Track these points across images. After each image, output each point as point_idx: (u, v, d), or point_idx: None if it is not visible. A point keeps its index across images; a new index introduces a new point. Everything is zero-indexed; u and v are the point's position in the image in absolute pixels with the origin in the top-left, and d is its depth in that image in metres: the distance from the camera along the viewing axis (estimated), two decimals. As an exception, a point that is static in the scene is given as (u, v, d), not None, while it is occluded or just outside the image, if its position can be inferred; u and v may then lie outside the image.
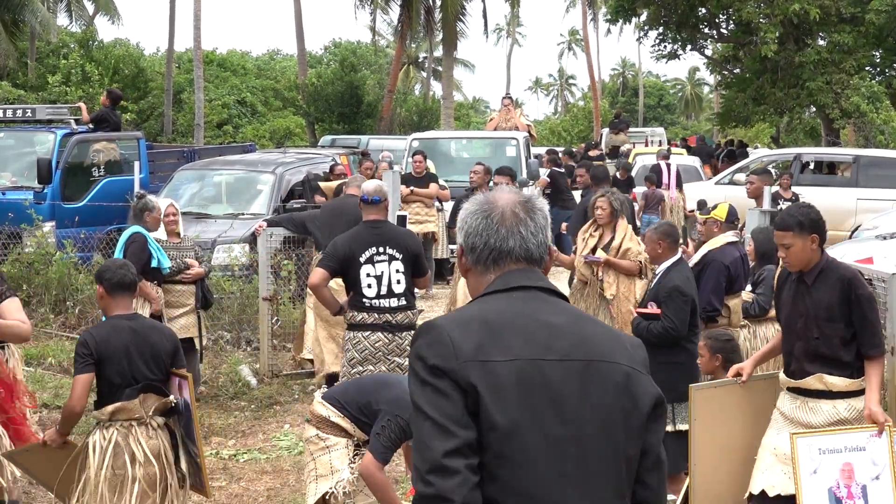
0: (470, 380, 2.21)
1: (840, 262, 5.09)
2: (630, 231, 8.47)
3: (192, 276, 8.55)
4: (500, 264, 2.42)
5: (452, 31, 35.20)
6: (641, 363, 2.39)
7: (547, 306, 2.37)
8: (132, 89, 36.47)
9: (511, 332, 2.28)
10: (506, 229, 2.42)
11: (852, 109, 24.72)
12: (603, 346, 2.34)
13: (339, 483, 5.01)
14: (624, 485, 2.31)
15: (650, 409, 2.35)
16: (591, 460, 2.27)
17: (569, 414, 2.26)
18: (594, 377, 2.29)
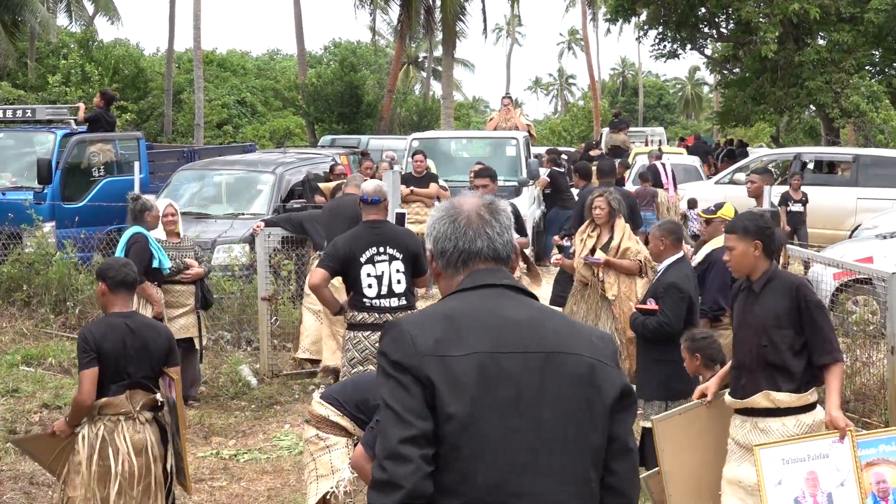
0: (428, 374, 2.30)
1: (787, 271, 5.07)
2: (628, 230, 8.43)
3: (191, 276, 8.56)
4: (469, 265, 2.51)
5: (452, 31, 35.19)
6: (609, 356, 2.45)
7: (511, 302, 2.45)
8: (132, 89, 36.48)
9: (471, 326, 2.36)
10: (473, 231, 2.51)
11: (852, 109, 24.73)
12: (564, 339, 2.41)
13: (340, 483, 5.01)
14: (588, 472, 2.37)
15: (615, 399, 2.41)
16: (549, 449, 2.33)
17: (526, 405, 2.33)
18: (554, 369, 2.36)
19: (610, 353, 2.47)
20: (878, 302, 8.61)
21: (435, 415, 2.30)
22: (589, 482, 2.38)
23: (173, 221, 8.72)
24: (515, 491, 2.31)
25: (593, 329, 2.58)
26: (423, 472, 2.27)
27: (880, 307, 8.39)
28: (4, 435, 7.77)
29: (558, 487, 2.34)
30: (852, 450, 4.69)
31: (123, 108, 29.98)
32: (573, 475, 2.36)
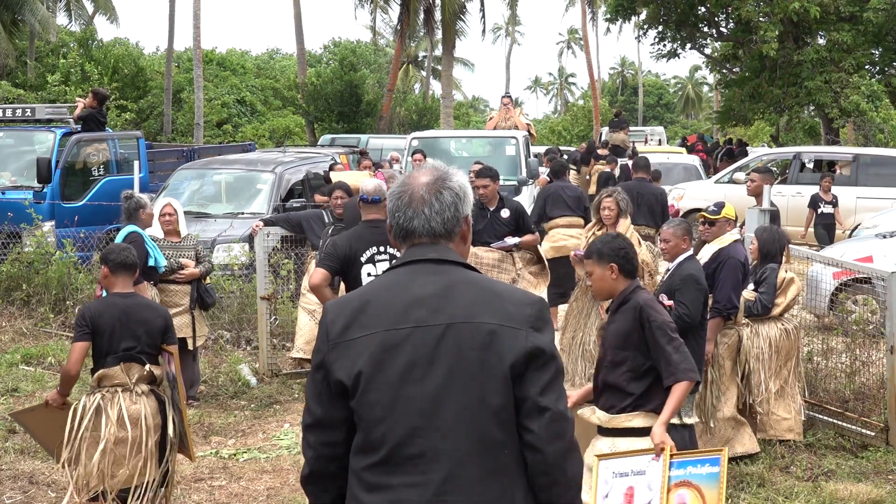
0: (330, 362, 2.60)
1: (642, 291, 4.96)
2: (631, 231, 8.44)
3: (185, 276, 8.53)
4: (408, 240, 2.70)
5: (451, 31, 35.21)
6: (523, 320, 2.57)
7: (425, 278, 2.63)
8: (132, 88, 36.47)
9: (376, 308, 2.61)
10: (412, 210, 2.68)
11: (851, 108, 24.72)
12: (468, 310, 2.57)
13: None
14: (489, 430, 2.53)
15: (519, 361, 2.54)
16: (445, 413, 2.52)
17: (420, 374, 2.54)
18: (451, 338, 2.54)
19: (524, 317, 2.57)
20: (877, 301, 8.61)
21: (341, 398, 2.59)
22: (490, 439, 2.54)
23: (171, 221, 8.68)
24: (414, 452, 2.52)
25: (516, 295, 2.66)
26: (324, 456, 2.63)
27: (880, 306, 8.40)
28: (4, 434, 7.77)
29: (454, 446, 2.52)
30: (664, 469, 4.53)
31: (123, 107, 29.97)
32: (470, 434, 2.53)
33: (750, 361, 7.14)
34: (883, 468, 7.03)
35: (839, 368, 8.28)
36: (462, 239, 2.73)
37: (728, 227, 7.20)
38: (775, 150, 25.43)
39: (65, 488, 6.71)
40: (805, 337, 8.13)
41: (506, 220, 9.01)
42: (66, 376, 5.41)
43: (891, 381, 7.42)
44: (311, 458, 2.66)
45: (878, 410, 7.72)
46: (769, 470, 6.90)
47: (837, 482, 6.69)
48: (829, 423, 7.70)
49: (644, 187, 11.53)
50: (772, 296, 7.22)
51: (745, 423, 7.08)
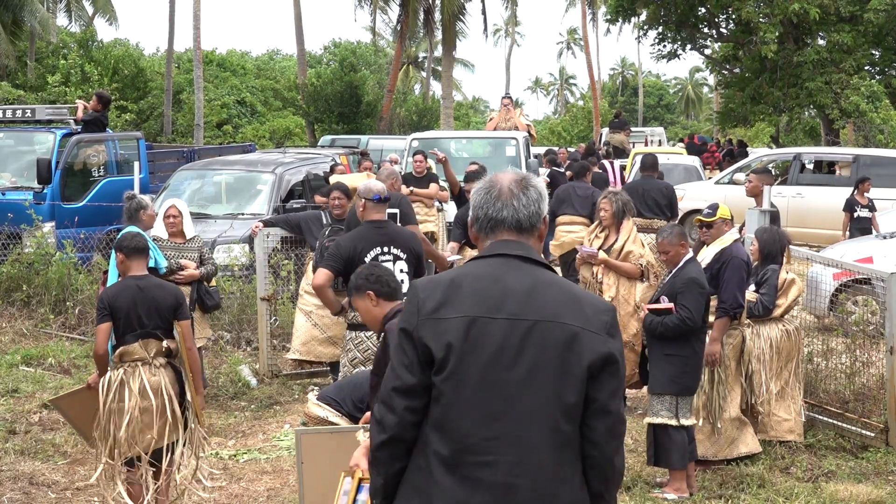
0: (422, 335, 2.75)
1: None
2: (634, 233, 8.37)
3: (184, 277, 8.52)
4: (495, 232, 2.88)
5: (451, 31, 35.22)
6: (599, 326, 2.78)
7: (515, 272, 2.81)
8: (132, 89, 36.48)
9: (469, 292, 2.77)
10: (501, 203, 2.88)
11: (852, 109, 24.73)
12: (554, 310, 2.76)
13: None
14: (559, 422, 2.73)
15: (595, 364, 2.74)
16: (525, 402, 2.72)
17: (506, 363, 2.72)
18: (537, 334, 2.73)
19: (601, 323, 2.78)
20: (877, 302, 8.61)
21: (427, 369, 2.74)
22: (559, 431, 2.73)
23: (175, 223, 8.67)
24: (491, 434, 2.71)
25: (593, 300, 2.86)
26: (406, 422, 2.77)
27: (880, 307, 8.39)
28: (5, 435, 7.77)
29: (527, 433, 2.71)
30: (352, 492, 4.22)
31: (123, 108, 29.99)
32: (542, 423, 2.72)
33: (751, 362, 7.14)
34: (883, 469, 7.03)
35: (839, 369, 8.28)
36: (539, 237, 2.92)
37: (726, 227, 7.20)
38: (775, 150, 25.43)
39: (66, 488, 6.72)
40: (805, 338, 8.12)
41: None
42: (96, 357, 5.94)
43: (891, 382, 7.42)
44: (393, 424, 2.77)
45: (878, 411, 7.72)
46: (769, 471, 6.90)
47: (838, 483, 6.69)
48: (829, 423, 7.70)
49: (649, 183, 11.96)
50: (773, 297, 7.22)
51: (748, 424, 7.09)
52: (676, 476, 6.49)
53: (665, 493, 6.47)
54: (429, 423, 2.76)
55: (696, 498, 6.46)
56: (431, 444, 2.74)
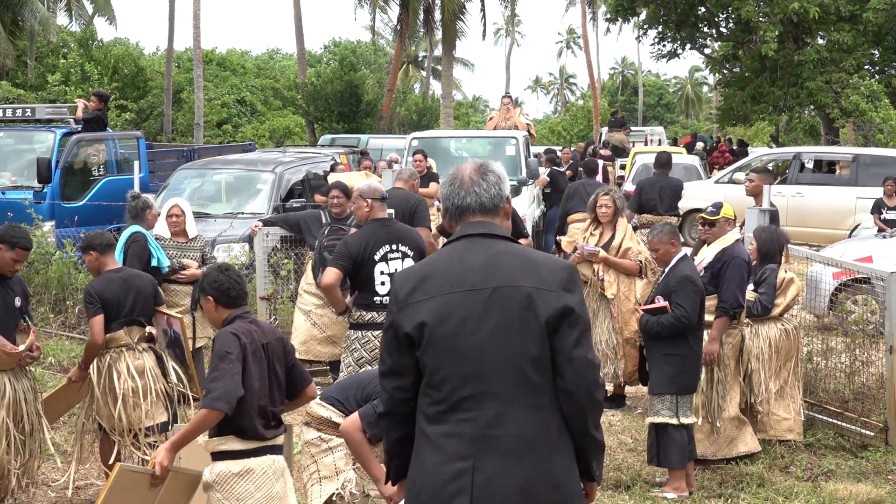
0: (400, 320, 3.12)
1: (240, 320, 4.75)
2: (630, 230, 8.44)
3: (186, 276, 8.53)
4: (463, 217, 3.22)
5: (451, 31, 35.19)
6: (555, 283, 3.08)
7: (476, 249, 3.14)
8: (132, 89, 36.46)
9: (436, 276, 3.14)
10: (465, 191, 3.21)
11: (852, 108, 24.71)
12: (511, 275, 3.08)
13: (347, 483, 4.99)
14: (528, 374, 3.05)
15: (553, 318, 3.04)
16: (492, 362, 3.05)
17: (472, 328, 3.06)
18: (496, 300, 3.06)
19: (556, 280, 3.09)
20: (877, 301, 8.61)
21: (414, 348, 3.11)
22: (530, 382, 3.05)
23: (178, 223, 8.68)
24: (467, 394, 3.05)
25: (549, 262, 3.16)
26: (396, 399, 3.18)
27: (879, 307, 8.39)
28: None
29: (500, 388, 3.04)
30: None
31: (123, 107, 29.97)
32: (513, 379, 3.05)
33: (751, 361, 7.14)
34: (882, 468, 7.04)
35: (839, 368, 8.28)
36: (505, 215, 3.25)
37: (728, 227, 7.20)
38: (775, 150, 25.42)
39: (65, 487, 6.71)
40: (805, 337, 8.13)
41: None
42: (93, 349, 6.22)
43: (890, 381, 7.42)
44: (386, 401, 3.20)
45: (877, 410, 7.72)
46: (769, 470, 6.90)
47: (837, 482, 6.69)
48: (828, 423, 7.70)
49: (664, 180, 12.69)
50: (771, 296, 7.22)
51: (747, 423, 7.09)
52: (676, 475, 6.49)
53: (665, 493, 6.48)
54: (420, 390, 3.13)
55: (695, 497, 6.46)
56: (422, 407, 3.13)
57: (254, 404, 4.44)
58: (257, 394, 4.45)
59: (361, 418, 4.92)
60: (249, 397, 4.41)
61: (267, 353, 4.56)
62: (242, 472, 4.44)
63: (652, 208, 12.43)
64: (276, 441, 4.55)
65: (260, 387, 4.48)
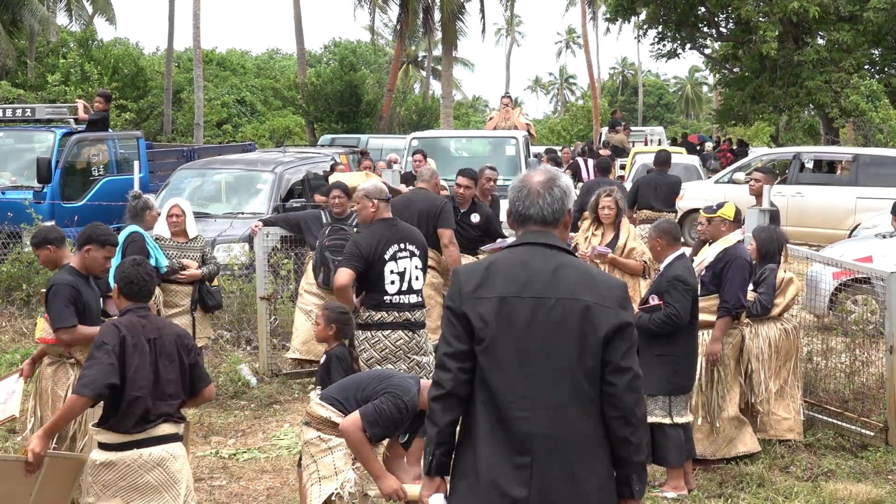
0: (465, 311, 3.32)
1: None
2: (633, 231, 8.46)
3: (186, 276, 8.54)
4: (525, 224, 3.43)
5: (451, 31, 35.21)
6: (612, 300, 3.30)
7: (540, 257, 3.35)
8: (131, 88, 36.47)
9: (501, 276, 3.33)
10: (529, 201, 3.41)
11: (851, 108, 24.70)
12: (573, 288, 3.29)
13: (346, 483, 4.98)
14: (580, 382, 3.26)
15: (608, 333, 3.26)
16: (549, 365, 3.26)
17: (533, 334, 3.26)
18: (558, 309, 3.27)
19: (613, 297, 3.30)
20: (877, 301, 8.61)
21: (472, 339, 3.30)
22: (581, 389, 3.27)
23: (178, 223, 8.69)
24: (524, 393, 3.26)
25: (606, 279, 3.39)
26: (459, 379, 3.32)
27: (879, 306, 8.39)
28: (5, 434, 7.77)
29: (555, 392, 3.26)
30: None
31: (123, 107, 29.96)
32: (566, 384, 3.26)
33: (751, 361, 7.14)
34: (882, 468, 7.04)
35: (839, 368, 8.28)
36: (564, 227, 3.45)
37: (723, 227, 7.18)
38: (775, 150, 25.42)
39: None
40: (805, 337, 8.13)
41: (475, 225, 9.13)
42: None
43: (890, 381, 7.42)
44: (448, 380, 3.32)
45: (877, 410, 7.72)
46: (769, 470, 6.90)
47: (837, 482, 6.69)
48: (828, 423, 7.70)
49: (662, 178, 13.06)
50: (771, 296, 7.22)
51: (746, 423, 7.09)
52: (674, 474, 6.49)
53: (664, 492, 6.47)
54: (476, 383, 3.31)
55: (695, 496, 6.46)
56: (479, 399, 3.31)
57: (129, 395, 4.63)
58: (134, 385, 4.63)
59: (362, 417, 4.92)
60: (124, 387, 4.61)
61: (154, 347, 4.73)
62: (106, 462, 4.70)
63: (648, 206, 12.72)
64: (151, 433, 4.72)
65: (138, 379, 4.65)
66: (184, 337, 4.91)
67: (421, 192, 8.82)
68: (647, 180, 13.17)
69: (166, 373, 4.77)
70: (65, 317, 5.72)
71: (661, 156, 13.73)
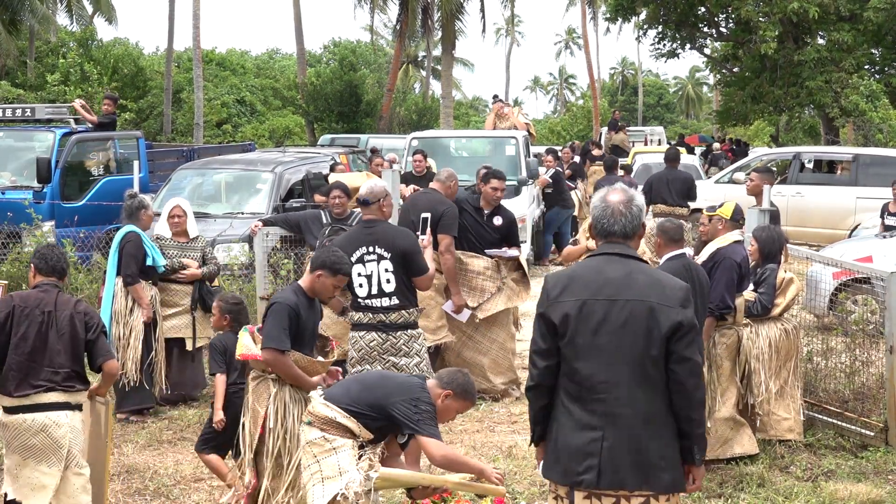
0: (550, 315, 3.99)
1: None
2: None
3: (186, 276, 8.54)
4: (607, 238, 4.06)
5: (450, 30, 35.19)
6: (675, 301, 3.91)
7: (614, 265, 3.98)
8: (131, 88, 36.46)
9: (581, 281, 3.99)
10: (613, 219, 4.04)
11: (851, 108, 24.68)
12: (641, 291, 3.92)
13: (351, 483, 4.96)
14: (647, 369, 3.89)
15: (671, 328, 3.87)
16: (622, 357, 3.90)
17: (607, 330, 3.91)
18: (628, 309, 3.91)
19: (676, 298, 3.91)
20: (877, 301, 8.60)
21: (557, 337, 3.96)
22: (648, 376, 3.90)
23: (179, 223, 8.69)
24: (601, 379, 3.90)
25: (671, 282, 3.99)
26: (546, 374, 4.02)
27: (879, 306, 8.38)
28: (4, 434, 7.77)
29: (626, 378, 3.90)
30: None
31: (123, 107, 29.93)
32: (635, 371, 3.90)
33: (750, 362, 7.13)
34: (882, 468, 7.03)
35: (839, 368, 8.27)
36: (638, 238, 4.09)
37: (720, 226, 7.18)
38: (775, 150, 25.41)
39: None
40: (805, 337, 8.12)
41: (496, 227, 8.89)
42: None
43: (890, 381, 7.41)
44: (537, 374, 4.03)
45: (877, 410, 7.72)
46: (769, 470, 6.89)
47: (837, 482, 6.69)
48: (828, 423, 7.69)
49: (672, 174, 14.06)
50: (771, 296, 7.21)
51: (744, 424, 7.07)
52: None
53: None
54: (561, 373, 3.99)
55: (695, 497, 6.45)
56: (563, 386, 3.99)
57: (11, 360, 5.30)
58: (16, 349, 5.30)
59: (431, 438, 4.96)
60: (6, 352, 5.31)
61: (46, 319, 5.34)
62: (3, 422, 5.40)
63: (662, 200, 13.73)
64: (35, 400, 5.33)
65: (20, 344, 5.31)
66: (84, 314, 5.45)
67: (429, 193, 8.77)
68: (660, 177, 14.09)
69: (55, 343, 5.34)
70: (275, 337, 5.42)
71: (670, 153, 14.69)
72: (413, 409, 4.98)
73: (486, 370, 8.79)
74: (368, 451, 5.07)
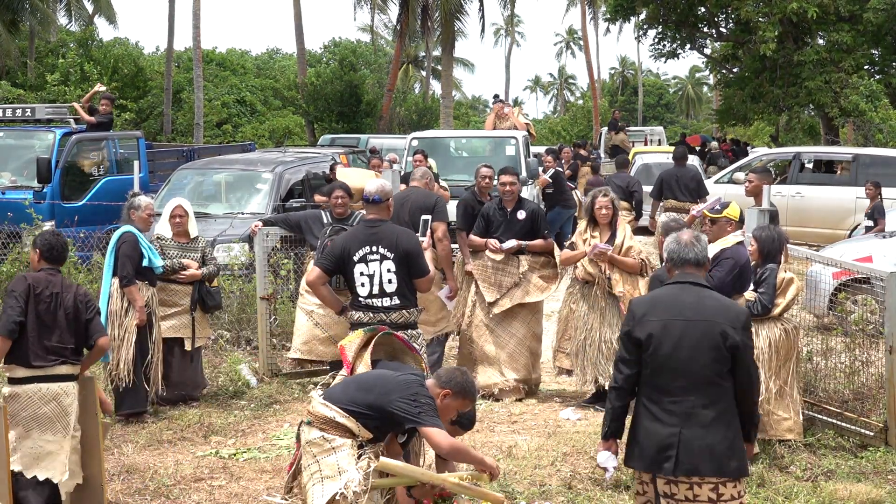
0: (636, 332, 4.78)
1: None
2: (629, 230, 8.59)
3: (186, 276, 8.54)
4: (682, 267, 4.89)
5: (450, 30, 35.19)
6: (737, 323, 4.71)
7: (688, 291, 4.81)
8: (131, 88, 36.44)
9: (663, 305, 4.80)
10: (687, 249, 4.88)
11: (851, 108, 24.68)
12: (711, 313, 4.72)
13: (350, 483, 4.97)
14: (715, 378, 4.67)
15: (733, 346, 4.67)
16: (696, 368, 4.67)
17: (684, 343, 4.69)
18: (701, 328, 4.70)
19: (738, 321, 4.72)
20: (876, 301, 8.60)
21: (642, 349, 4.75)
22: (715, 382, 4.67)
23: (180, 223, 8.70)
24: (678, 385, 4.68)
25: (734, 307, 4.82)
26: (628, 380, 4.81)
27: (879, 306, 8.39)
28: (4, 434, 7.79)
29: (699, 384, 4.67)
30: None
31: (123, 107, 29.94)
32: (707, 379, 4.67)
33: (749, 361, 7.13)
34: (882, 468, 7.04)
35: (839, 368, 8.28)
36: (705, 269, 4.95)
37: (728, 227, 7.21)
38: (775, 150, 25.41)
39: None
40: (805, 337, 8.13)
41: (521, 222, 8.99)
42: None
43: (890, 381, 7.42)
44: (621, 378, 4.82)
45: (877, 410, 7.72)
46: (769, 470, 6.90)
47: (837, 482, 6.70)
48: (828, 423, 7.70)
49: (681, 171, 14.70)
50: (771, 296, 7.21)
51: (743, 425, 7.08)
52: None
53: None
54: (643, 380, 4.77)
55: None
56: (644, 390, 4.79)
57: (30, 334, 5.85)
58: (34, 326, 5.86)
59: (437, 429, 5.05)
60: (26, 327, 5.85)
61: (55, 299, 5.97)
62: (11, 395, 5.88)
63: (673, 196, 14.39)
64: (49, 372, 5.90)
65: (39, 323, 5.88)
66: (84, 296, 6.11)
67: (415, 189, 9.03)
68: (670, 174, 14.71)
69: (62, 321, 5.95)
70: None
71: (678, 151, 15.37)
72: (412, 404, 4.99)
73: (502, 364, 8.91)
74: (368, 450, 5.07)
